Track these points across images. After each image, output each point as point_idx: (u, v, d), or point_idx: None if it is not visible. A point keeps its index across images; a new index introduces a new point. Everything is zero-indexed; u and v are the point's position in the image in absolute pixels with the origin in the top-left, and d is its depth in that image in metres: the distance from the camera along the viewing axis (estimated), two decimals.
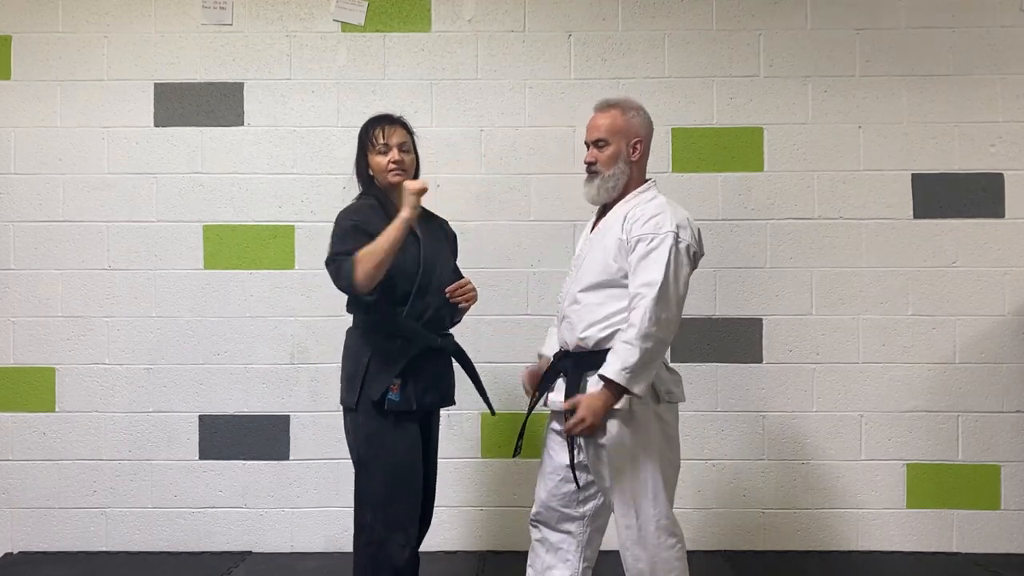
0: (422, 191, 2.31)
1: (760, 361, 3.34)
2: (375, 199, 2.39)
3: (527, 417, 2.43)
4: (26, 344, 3.36)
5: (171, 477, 3.34)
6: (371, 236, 2.25)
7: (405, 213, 2.26)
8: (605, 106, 2.33)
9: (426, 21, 3.38)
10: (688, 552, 3.29)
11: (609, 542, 2.45)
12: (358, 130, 3.31)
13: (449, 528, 3.31)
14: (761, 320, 3.35)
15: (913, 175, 3.34)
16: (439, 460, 2.57)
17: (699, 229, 2.26)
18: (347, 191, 3.33)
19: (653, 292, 2.08)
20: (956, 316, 3.32)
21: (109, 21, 3.39)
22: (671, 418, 2.25)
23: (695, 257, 2.22)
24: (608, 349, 2.16)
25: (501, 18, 3.38)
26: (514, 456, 2.45)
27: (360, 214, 2.34)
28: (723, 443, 3.34)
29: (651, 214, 2.18)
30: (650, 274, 2.11)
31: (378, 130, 2.43)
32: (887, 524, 3.32)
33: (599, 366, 2.17)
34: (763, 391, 3.34)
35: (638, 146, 2.29)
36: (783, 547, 3.32)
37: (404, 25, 3.38)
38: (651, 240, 2.14)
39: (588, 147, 2.32)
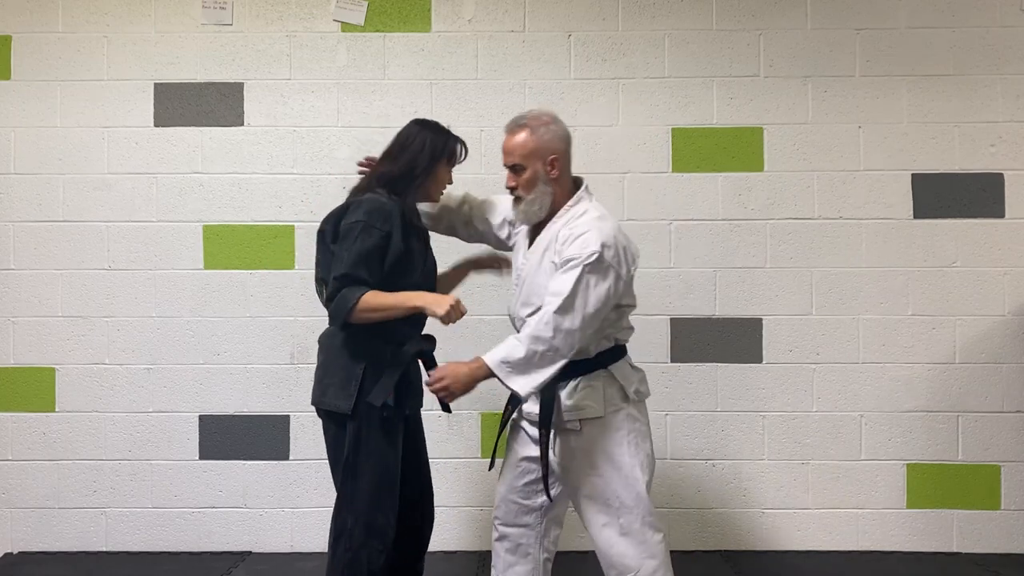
0: (458, 316, 2.22)
1: (760, 361, 3.34)
2: (401, 206, 2.29)
3: (501, 430, 2.42)
4: (26, 344, 3.36)
5: (171, 477, 3.34)
6: (382, 262, 2.21)
7: (439, 312, 2.17)
8: (514, 127, 2.27)
9: (426, 21, 3.38)
10: (688, 552, 3.31)
11: (587, 543, 2.46)
12: (359, 130, 3.36)
13: (449, 528, 3.31)
14: (761, 320, 3.35)
15: (913, 175, 3.34)
16: (438, 460, 2.59)
17: (626, 246, 2.20)
18: (347, 191, 3.34)
19: (558, 301, 2.08)
20: (956, 316, 3.32)
21: (109, 21, 3.39)
22: (642, 414, 2.28)
23: (619, 275, 2.15)
24: (580, 360, 2.18)
25: (501, 18, 3.38)
26: (491, 469, 2.46)
27: (389, 223, 2.24)
28: (723, 443, 3.34)
29: (579, 233, 2.15)
30: (560, 284, 2.10)
31: (462, 150, 2.41)
32: (887, 524, 3.32)
33: (572, 374, 2.20)
34: (763, 391, 3.34)
35: (555, 163, 2.23)
36: (783, 547, 3.32)
37: (404, 25, 3.38)
38: (574, 260, 2.12)
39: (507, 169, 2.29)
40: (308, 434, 3.34)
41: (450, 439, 3.30)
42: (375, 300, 2.18)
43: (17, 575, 3.15)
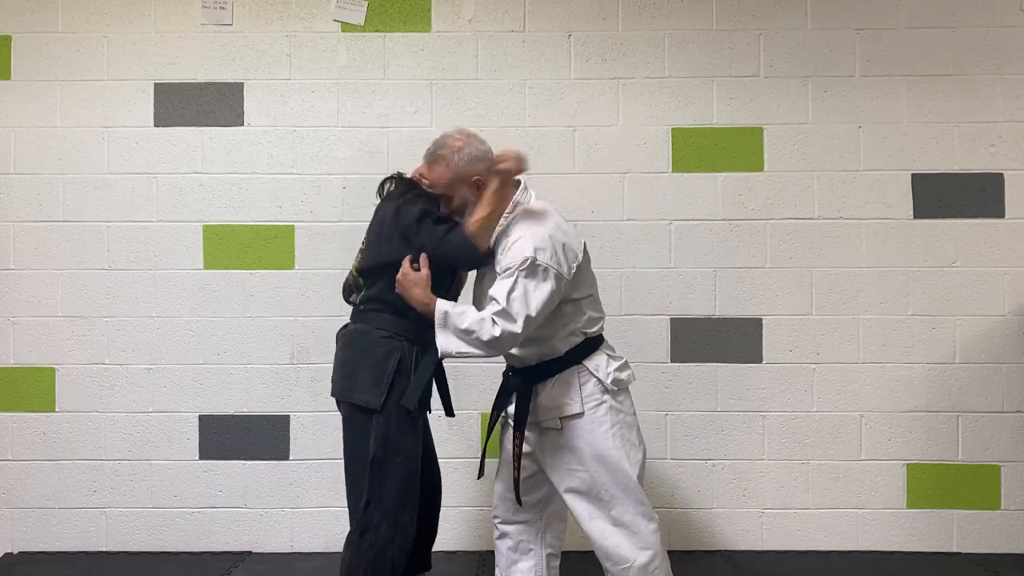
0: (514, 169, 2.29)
1: (760, 361, 3.34)
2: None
3: (488, 435, 2.44)
4: (26, 344, 3.36)
5: (171, 477, 3.34)
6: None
7: (512, 166, 2.27)
8: (430, 160, 2.35)
9: (426, 21, 3.38)
10: (688, 552, 3.32)
11: (588, 543, 2.48)
12: (359, 130, 3.38)
13: (449, 528, 3.30)
14: (761, 320, 3.35)
15: (913, 175, 3.34)
16: (439, 460, 2.63)
17: (565, 243, 2.22)
18: (347, 191, 3.35)
19: (496, 307, 2.14)
20: (956, 316, 3.32)
21: (109, 21, 3.39)
22: (626, 404, 2.30)
23: (559, 274, 2.18)
24: (552, 359, 2.25)
25: (501, 18, 3.38)
26: (479, 478, 2.49)
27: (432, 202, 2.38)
28: (723, 443, 3.34)
29: (512, 242, 2.22)
30: (497, 290, 2.17)
31: None
32: (887, 524, 3.32)
33: (549, 375, 2.25)
34: (763, 391, 3.34)
35: (479, 183, 2.31)
36: (783, 547, 3.32)
37: (404, 25, 3.38)
38: (509, 268, 2.18)
39: None
40: (308, 434, 3.34)
41: (450, 439, 3.30)
42: (475, 225, 2.25)
43: (17, 575, 3.15)
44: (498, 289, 2.16)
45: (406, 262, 2.28)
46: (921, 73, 3.35)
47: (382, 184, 2.51)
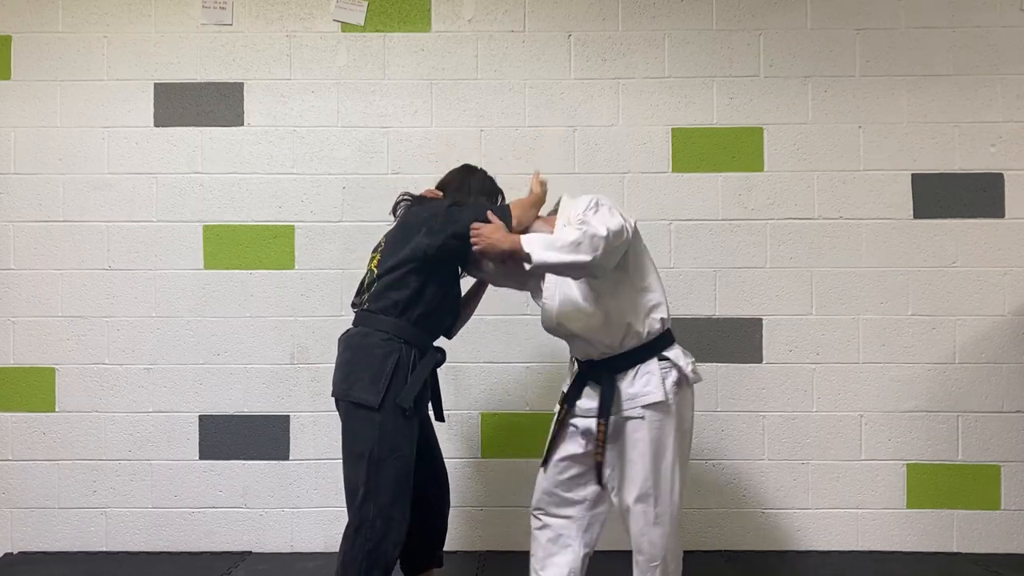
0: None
1: (760, 361, 3.34)
2: None
3: (555, 428, 2.38)
4: (26, 344, 3.36)
5: (171, 477, 3.34)
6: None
7: (542, 188, 2.49)
8: None
9: (426, 21, 3.38)
10: (688, 552, 3.31)
11: (612, 543, 2.47)
12: (359, 130, 3.37)
13: (449, 528, 3.30)
14: (761, 320, 3.35)
15: (913, 175, 3.34)
16: None
17: (622, 212, 2.29)
18: (347, 191, 3.35)
19: (578, 220, 2.19)
20: (956, 316, 3.32)
21: (109, 21, 3.39)
22: (692, 406, 2.34)
23: (624, 219, 2.24)
24: (634, 349, 2.26)
25: (501, 18, 3.38)
26: (543, 466, 2.42)
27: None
28: (723, 443, 3.34)
29: (576, 202, 2.31)
30: (586, 212, 2.22)
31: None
32: (887, 524, 3.32)
33: (631, 364, 2.26)
34: (763, 391, 3.34)
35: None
36: (783, 547, 3.32)
37: (404, 25, 3.38)
38: (580, 211, 2.24)
39: None
40: (308, 434, 3.34)
41: (450, 439, 3.30)
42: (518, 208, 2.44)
43: (17, 575, 3.15)
44: (587, 212, 2.21)
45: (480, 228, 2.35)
46: (921, 73, 3.35)
47: (395, 205, 2.58)
